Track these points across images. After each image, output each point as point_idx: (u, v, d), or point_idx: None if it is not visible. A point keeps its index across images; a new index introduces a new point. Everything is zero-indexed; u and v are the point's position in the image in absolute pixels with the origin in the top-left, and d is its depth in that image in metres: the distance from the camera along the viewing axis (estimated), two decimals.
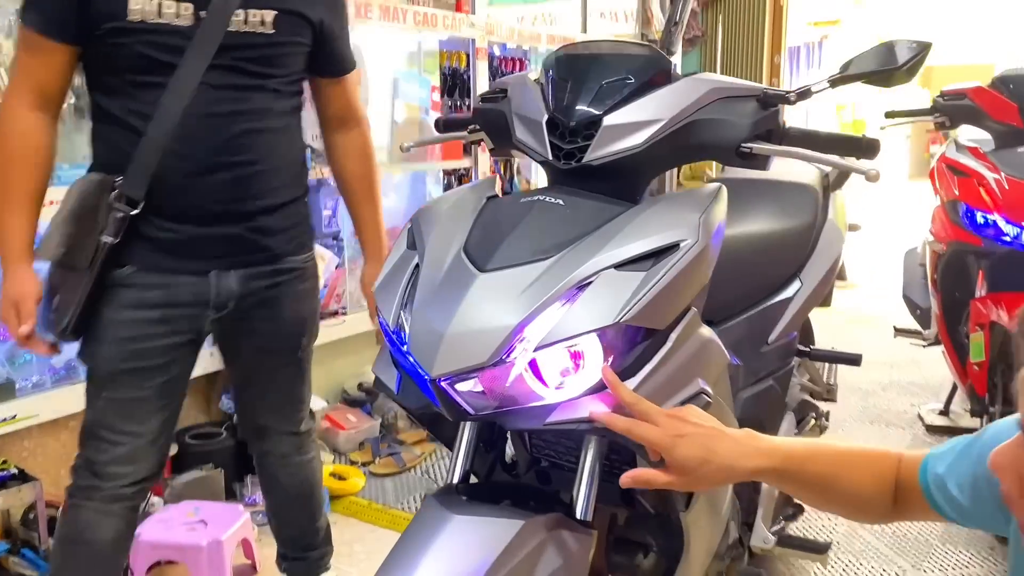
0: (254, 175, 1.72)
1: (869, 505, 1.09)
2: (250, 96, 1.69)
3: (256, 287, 1.79)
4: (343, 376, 3.54)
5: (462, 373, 1.13)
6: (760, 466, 1.06)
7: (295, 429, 2.05)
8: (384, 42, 3.60)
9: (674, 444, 1.05)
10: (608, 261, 1.16)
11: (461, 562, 1.11)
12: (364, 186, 1.98)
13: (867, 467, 1.09)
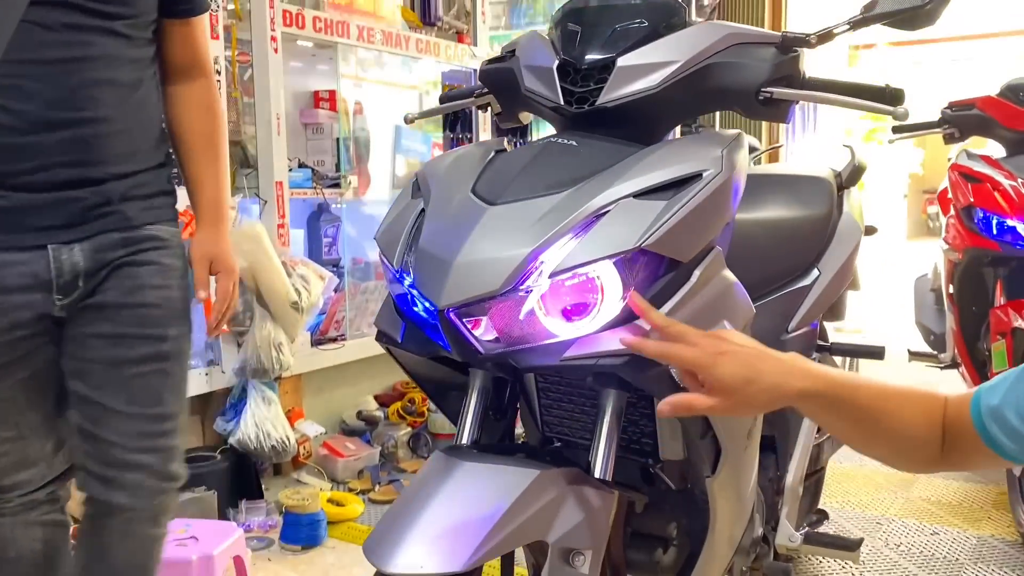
0: (103, 136, 1.41)
1: (916, 445, 0.99)
2: (93, 40, 1.39)
3: (109, 258, 1.44)
4: (342, 406, 3.44)
5: (472, 302, 1.05)
6: (807, 388, 0.96)
7: (161, 465, 1.49)
8: (387, 96, 3.58)
9: (715, 362, 0.95)
10: (627, 190, 1.09)
11: (471, 508, 1.01)
12: (204, 142, 1.63)
13: (916, 403, 0.99)
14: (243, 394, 2.83)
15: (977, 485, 3.01)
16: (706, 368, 0.95)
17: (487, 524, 0.99)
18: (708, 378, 0.96)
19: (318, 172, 3.27)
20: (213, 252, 1.64)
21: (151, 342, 1.48)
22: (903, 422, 0.99)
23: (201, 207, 1.65)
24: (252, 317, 2.79)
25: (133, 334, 1.47)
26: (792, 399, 0.97)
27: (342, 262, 3.55)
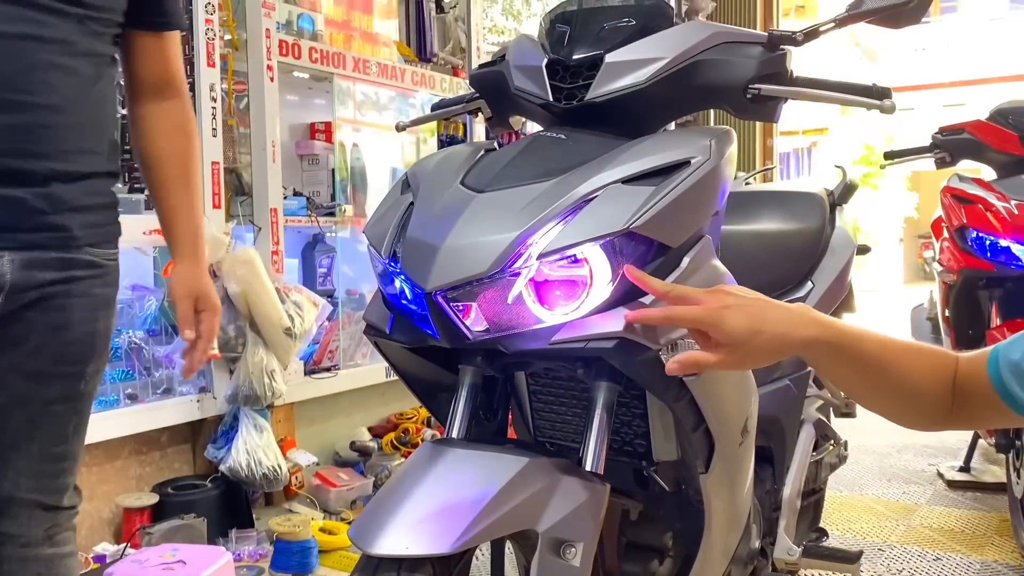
0: (52, 126, 1.26)
1: (925, 401, 0.97)
2: (48, 21, 1.25)
3: (40, 280, 1.27)
4: (335, 437, 3.40)
5: (459, 285, 1.04)
6: (814, 335, 0.95)
7: (53, 501, 1.37)
8: (382, 140, 3.60)
9: (721, 317, 0.95)
10: (615, 176, 1.09)
11: (459, 492, 0.99)
12: (179, 168, 1.49)
13: (925, 358, 0.97)
14: (235, 422, 2.79)
15: (980, 512, 2.97)
16: (712, 324, 0.95)
17: (475, 508, 0.97)
18: (715, 333, 0.95)
19: (313, 201, 3.28)
20: (197, 289, 1.51)
21: (68, 381, 1.35)
22: (911, 376, 0.97)
23: (178, 239, 1.52)
24: (244, 343, 2.77)
25: (51, 372, 1.33)
26: (798, 348, 0.96)
27: (336, 293, 3.54)
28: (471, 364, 1.23)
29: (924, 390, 0.96)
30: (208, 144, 2.74)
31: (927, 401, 0.97)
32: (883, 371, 0.96)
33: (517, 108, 1.44)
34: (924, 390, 0.96)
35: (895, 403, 0.99)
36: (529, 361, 1.26)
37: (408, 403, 3.79)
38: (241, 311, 2.77)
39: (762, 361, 0.99)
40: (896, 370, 0.96)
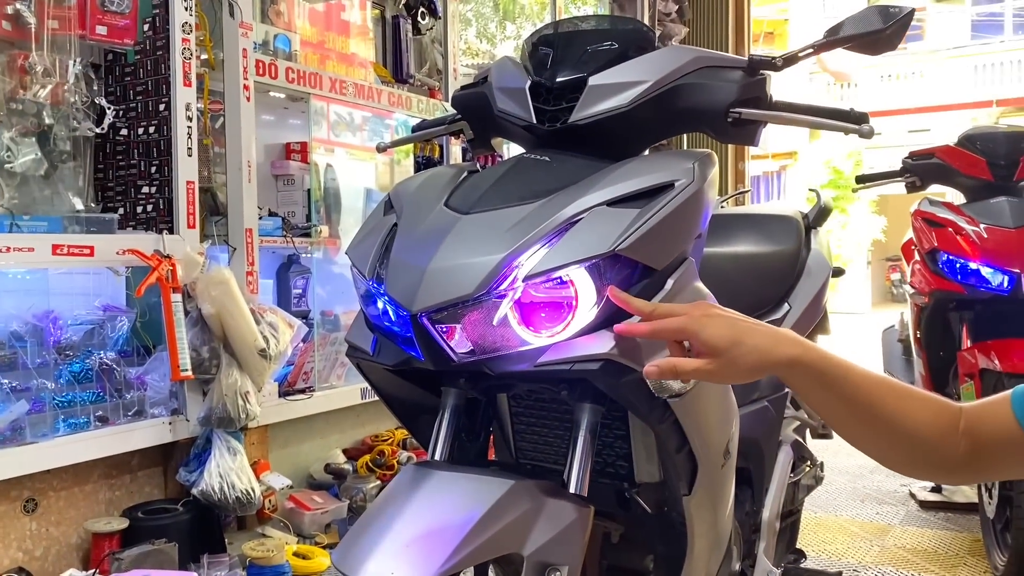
0: None
1: (924, 447, 0.92)
2: None
3: None
4: (309, 459, 3.36)
5: (445, 307, 1.04)
6: (797, 355, 0.92)
7: None
8: (356, 161, 3.58)
9: (702, 325, 0.94)
10: (600, 198, 1.10)
11: (443, 516, 0.98)
12: None
13: (922, 402, 0.93)
14: (207, 444, 2.75)
15: (952, 532, 3.00)
16: (693, 332, 0.94)
17: (460, 532, 0.96)
18: (695, 342, 0.95)
19: (288, 221, 3.26)
20: None
21: None
22: (907, 418, 0.92)
23: None
24: (218, 364, 2.74)
25: None
26: (779, 366, 0.93)
27: (311, 314, 3.51)
28: (454, 386, 1.22)
29: (921, 432, 0.92)
30: (183, 164, 2.72)
31: (927, 448, 0.92)
32: (871, 407, 0.93)
33: (499, 130, 1.44)
34: (921, 432, 0.92)
35: (883, 442, 0.95)
36: (512, 383, 1.25)
37: (383, 424, 3.77)
38: (215, 332, 2.74)
39: (741, 375, 0.95)
40: (887, 409, 0.93)
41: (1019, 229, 2.49)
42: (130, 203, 2.80)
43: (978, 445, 0.92)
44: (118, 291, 2.86)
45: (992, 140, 2.76)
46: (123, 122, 2.80)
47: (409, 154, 3.97)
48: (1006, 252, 2.46)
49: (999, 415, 0.92)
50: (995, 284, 2.47)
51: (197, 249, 2.73)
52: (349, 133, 3.48)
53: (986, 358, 2.43)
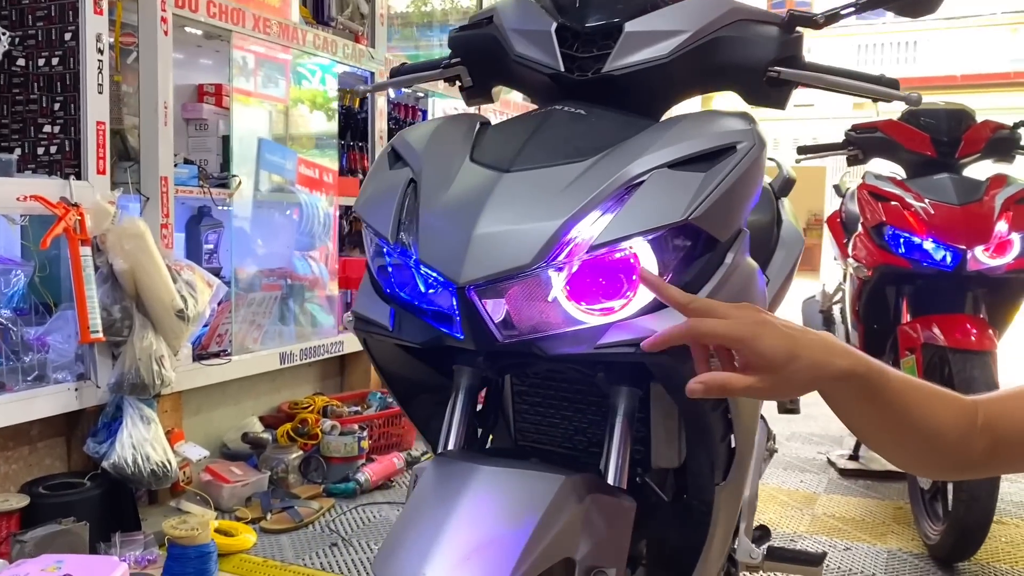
0: None
1: (944, 444, 0.87)
2: None
3: None
4: (222, 428, 3.15)
5: (498, 279, 0.90)
6: (850, 367, 0.82)
7: None
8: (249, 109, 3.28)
9: (757, 334, 0.80)
10: (659, 160, 0.97)
11: (499, 521, 0.85)
12: None
13: (946, 402, 0.87)
14: (118, 412, 2.51)
15: (875, 500, 3.07)
16: (746, 341, 0.81)
17: (520, 540, 0.84)
18: (747, 353, 0.82)
19: (204, 170, 3.00)
20: None
21: None
22: (933, 418, 0.87)
23: None
24: (131, 326, 2.49)
25: None
26: (832, 379, 0.83)
27: (224, 272, 3.27)
28: (469, 365, 1.09)
29: (944, 433, 0.87)
30: (93, 102, 2.44)
31: (946, 444, 0.87)
32: (906, 412, 0.86)
33: (509, 78, 1.29)
34: (944, 433, 0.87)
35: (910, 448, 0.89)
36: (529, 363, 1.13)
37: (300, 391, 3.57)
38: (127, 290, 2.49)
39: (791, 393, 0.85)
40: (918, 411, 0.86)
41: (964, 206, 2.52)
42: (29, 143, 2.50)
43: (999, 441, 0.88)
44: (12, 241, 2.56)
45: (935, 117, 2.79)
46: (20, 51, 2.49)
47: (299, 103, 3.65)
48: (952, 228, 2.48)
49: (1018, 411, 0.88)
50: (939, 259, 2.49)
51: (108, 198, 2.47)
52: (243, 78, 3.22)
53: (929, 332, 2.47)
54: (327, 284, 3.68)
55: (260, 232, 3.40)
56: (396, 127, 4.13)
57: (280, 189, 3.41)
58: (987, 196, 2.56)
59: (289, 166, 3.45)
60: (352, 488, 2.93)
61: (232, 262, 3.25)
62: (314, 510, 2.73)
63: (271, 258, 3.48)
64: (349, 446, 3.04)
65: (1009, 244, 2.51)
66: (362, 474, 2.98)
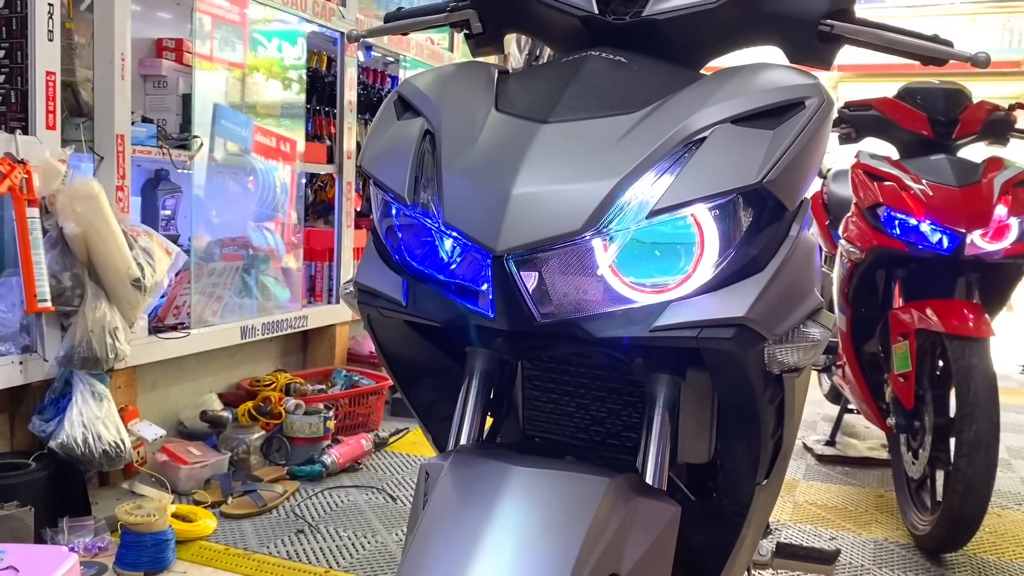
0: None
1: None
2: None
3: None
4: (179, 405, 2.97)
5: (542, 247, 0.76)
6: None
7: None
8: (203, 73, 3.07)
9: None
10: (723, 113, 0.84)
11: (545, 532, 0.72)
12: None
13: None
14: (67, 388, 2.33)
15: (855, 488, 3.01)
16: None
17: (569, 554, 0.71)
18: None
19: (163, 130, 2.80)
20: None
21: None
22: None
23: None
24: (83, 295, 2.30)
25: None
26: None
27: (183, 239, 3.08)
28: (486, 347, 0.96)
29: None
30: (42, 50, 2.23)
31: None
32: None
33: (527, 23, 1.15)
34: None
35: None
36: (556, 344, 1.00)
37: (261, 367, 3.40)
38: (79, 256, 2.30)
39: None
40: None
41: (963, 188, 2.44)
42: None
43: None
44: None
45: (932, 95, 2.70)
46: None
47: (255, 71, 3.43)
48: (951, 211, 2.40)
49: None
50: (935, 242, 2.41)
51: (58, 155, 2.26)
52: (199, 41, 3.01)
53: (924, 317, 2.39)
54: (283, 256, 3.50)
55: (218, 199, 3.21)
56: (364, 92, 3.94)
57: (238, 156, 3.22)
58: (985, 179, 2.48)
59: (245, 134, 3.25)
60: (318, 470, 2.78)
61: (191, 229, 3.05)
62: (278, 494, 2.58)
63: (230, 227, 3.29)
64: (314, 426, 2.88)
65: (1007, 228, 2.43)
66: (328, 456, 2.83)
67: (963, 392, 2.24)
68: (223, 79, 3.20)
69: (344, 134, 3.67)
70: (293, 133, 3.44)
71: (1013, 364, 5.55)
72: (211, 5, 3.02)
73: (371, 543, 2.34)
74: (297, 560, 2.21)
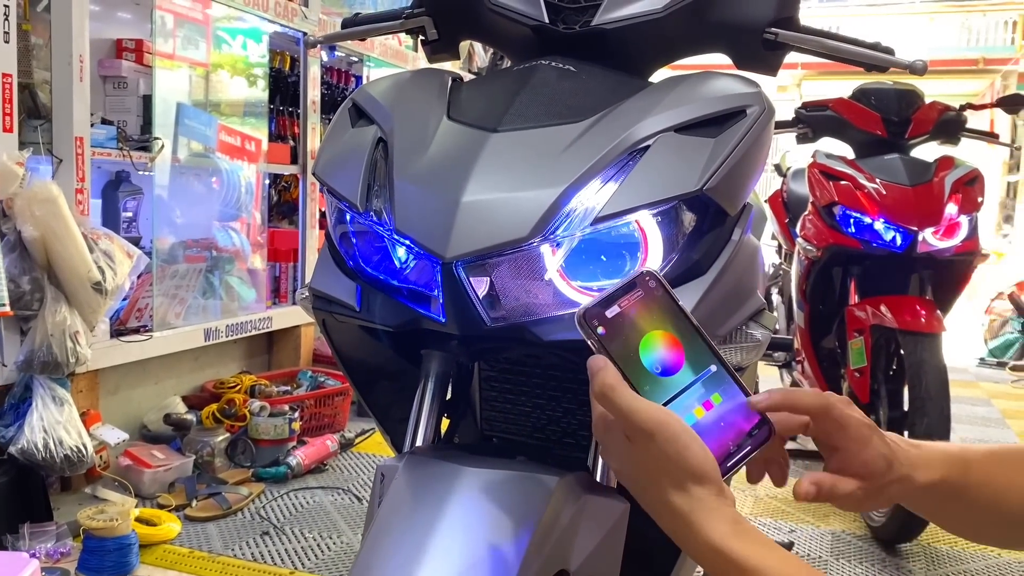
0: None
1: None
2: None
3: None
4: (142, 408, 2.95)
5: (492, 253, 0.78)
6: (933, 480, 0.74)
7: None
8: (167, 73, 3.05)
9: (870, 438, 0.71)
10: (666, 122, 0.87)
11: (492, 532, 0.74)
12: None
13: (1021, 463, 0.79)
14: (27, 393, 2.32)
15: None
16: (859, 443, 0.71)
17: (519, 551, 0.73)
18: (854, 457, 0.71)
19: (123, 131, 2.78)
20: None
21: None
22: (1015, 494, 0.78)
23: None
24: (43, 299, 2.29)
25: None
26: (913, 495, 0.75)
27: (144, 242, 3.06)
28: (441, 350, 0.98)
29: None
30: None
31: None
32: (993, 501, 0.77)
33: (480, 31, 1.17)
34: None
35: (995, 529, 0.81)
36: (510, 347, 1.02)
37: (225, 369, 3.39)
38: (38, 260, 2.28)
39: (878, 505, 0.77)
40: (1002, 494, 0.77)
41: (916, 187, 2.50)
42: None
43: None
44: None
45: (885, 96, 2.76)
46: None
47: (219, 69, 3.40)
48: (903, 210, 2.46)
49: None
50: (889, 240, 2.47)
51: (15, 158, 2.25)
52: (161, 39, 2.99)
53: (878, 314, 2.44)
54: (248, 257, 3.49)
55: (182, 200, 3.19)
56: (328, 92, 3.94)
57: (202, 155, 3.21)
58: (937, 178, 2.55)
59: (210, 133, 3.23)
60: (283, 472, 2.78)
61: (153, 231, 3.04)
62: (243, 496, 2.58)
63: (193, 228, 3.28)
64: (279, 428, 2.88)
65: (958, 226, 2.50)
66: (293, 457, 2.83)
67: (915, 386, 2.30)
68: (186, 78, 3.18)
69: (308, 134, 3.67)
70: (257, 132, 3.43)
71: (970, 357, 5.67)
72: (172, 4, 3.00)
73: (336, 544, 2.35)
74: (262, 562, 2.22)
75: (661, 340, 0.69)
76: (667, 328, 0.70)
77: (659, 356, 0.69)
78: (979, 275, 2.89)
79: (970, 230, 2.50)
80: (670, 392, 0.69)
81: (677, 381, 0.69)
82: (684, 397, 0.69)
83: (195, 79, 3.24)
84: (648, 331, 0.69)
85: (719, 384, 0.70)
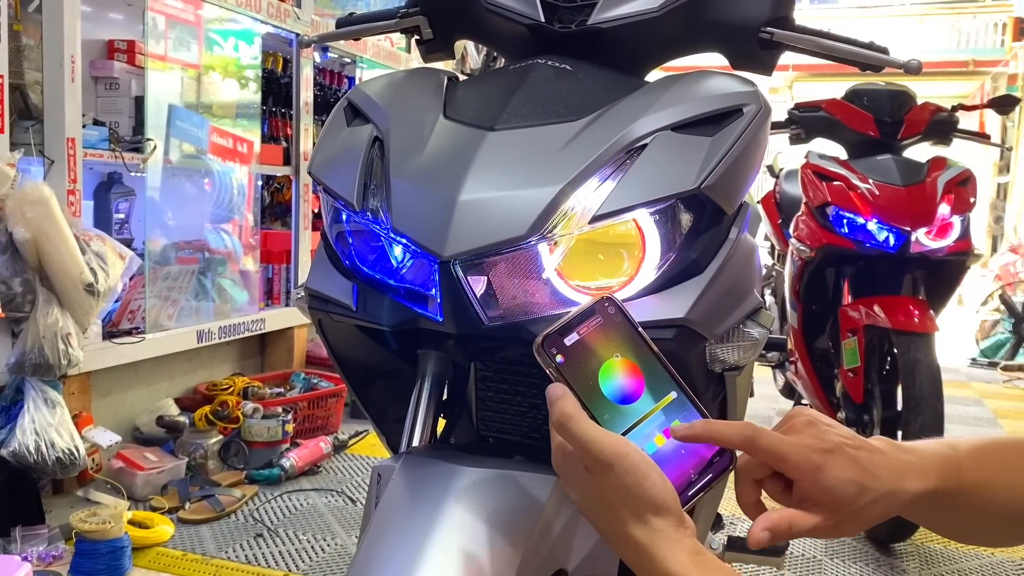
0: None
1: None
2: None
3: None
4: (134, 411, 2.94)
5: (488, 252, 0.78)
6: (922, 489, 0.70)
7: None
8: (159, 74, 3.04)
9: (821, 465, 0.66)
10: (663, 121, 0.87)
11: (492, 532, 0.74)
12: None
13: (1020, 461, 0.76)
14: (18, 395, 2.30)
15: None
16: (810, 471, 0.67)
17: (516, 551, 0.73)
18: (811, 485, 0.67)
19: (115, 132, 2.77)
20: None
21: None
22: (1014, 493, 0.75)
23: None
24: (34, 301, 2.28)
25: None
26: (904, 506, 0.71)
27: (137, 243, 3.05)
28: (438, 349, 0.97)
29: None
30: None
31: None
32: (989, 503, 0.74)
33: (476, 31, 1.17)
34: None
35: (996, 530, 0.78)
36: (506, 346, 1.02)
37: (217, 371, 3.38)
38: (30, 262, 2.27)
39: (861, 528, 0.73)
40: (1001, 494, 0.75)
41: (908, 188, 2.51)
42: None
43: None
44: None
45: (878, 97, 2.77)
46: None
47: (210, 71, 3.38)
48: (896, 210, 2.47)
49: None
50: (882, 240, 2.48)
51: (7, 159, 2.24)
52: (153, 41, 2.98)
53: (871, 314, 2.45)
54: (240, 258, 3.48)
55: (174, 202, 3.18)
56: (321, 93, 3.93)
57: (194, 157, 3.20)
58: (929, 178, 2.56)
59: (201, 134, 3.22)
60: (276, 474, 2.77)
61: (145, 233, 3.03)
62: (236, 498, 2.57)
63: (186, 230, 3.27)
64: (272, 430, 2.87)
65: (950, 227, 2.51)
66: (287, 459, 2.82)
67: (909, 386, 2.31)
68: (178, 79, 3.17)
69: (300, 135, 3.66)
70: (249, 134, 3.43)
71: (962, 357, 5.69)
72: (164, 5, 3.00)
73: (330, 546, 2.34)
74: (256, 564, 2.21)
75: (620, 367, 0.69)
76: (627, 355, 0.69)
77: (618, 384, 0.69)
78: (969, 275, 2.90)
79: (962, 230, 2.51)
80: (630, 420, 0.68)
81: (637, 409, 0.68)
82: (644, 425, 0.68)
83: (187, 80, 3.23)
84: (607, 358, 0.69)
85: (680, 410, 0.69)
